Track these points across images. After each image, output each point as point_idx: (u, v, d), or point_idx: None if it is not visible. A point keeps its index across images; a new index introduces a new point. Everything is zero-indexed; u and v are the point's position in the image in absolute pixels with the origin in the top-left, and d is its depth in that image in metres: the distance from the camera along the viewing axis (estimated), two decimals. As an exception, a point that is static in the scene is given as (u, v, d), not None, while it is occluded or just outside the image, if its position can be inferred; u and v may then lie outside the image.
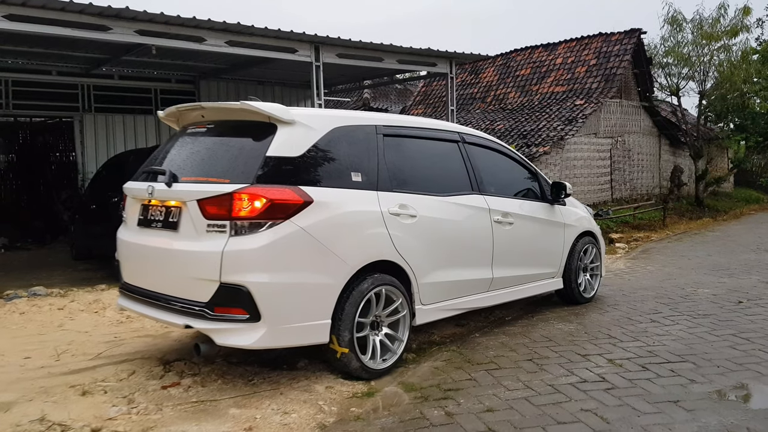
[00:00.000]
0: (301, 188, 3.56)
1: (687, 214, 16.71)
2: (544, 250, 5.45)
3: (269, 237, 3.39)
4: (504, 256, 4.93)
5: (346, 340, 3.65)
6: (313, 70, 9.64)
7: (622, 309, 5.65)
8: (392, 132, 4.31)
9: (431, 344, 4.66)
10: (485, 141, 5.19)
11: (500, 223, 4.87)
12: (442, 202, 4.44)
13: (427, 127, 4.68)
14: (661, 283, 6.97)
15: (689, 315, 5.35)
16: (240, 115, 3.80)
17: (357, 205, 3.82)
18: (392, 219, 3.99)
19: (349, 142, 3.98)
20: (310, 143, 3.73)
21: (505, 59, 19.85)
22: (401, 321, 4.04)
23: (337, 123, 3.96)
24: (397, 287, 3.97)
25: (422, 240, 4.19)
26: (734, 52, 18.62)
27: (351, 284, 3.71)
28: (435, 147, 4.70)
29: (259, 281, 3.35)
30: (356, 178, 3.91)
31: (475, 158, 4.93)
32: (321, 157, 3.78)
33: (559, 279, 5.70)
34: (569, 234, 5.73)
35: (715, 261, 8.68)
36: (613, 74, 16.73)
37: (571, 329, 4.94)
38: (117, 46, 9.85)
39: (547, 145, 14.47)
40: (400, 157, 4.33)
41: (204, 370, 4.02)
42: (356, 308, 3.70)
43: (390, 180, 4.11)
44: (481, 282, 4.75)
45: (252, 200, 3.38)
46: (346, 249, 3.69)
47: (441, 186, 4.57)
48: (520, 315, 5.55)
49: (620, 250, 10.36)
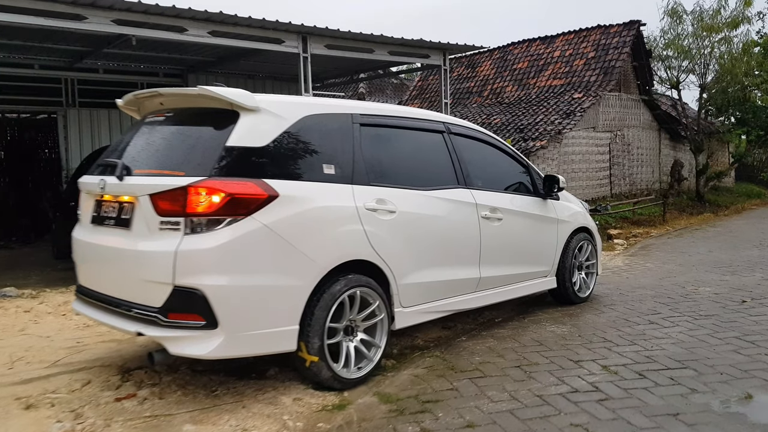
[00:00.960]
0: (265, 181, 3.25)
1: (687, 209, 16.40)
2: (535, 248, 5.15)
3: (228, 235, 3.08)
4: (492, 254, 4.62)
5: (316, 347, 3.35)
6: (301, 61, 9.31)
7: (619, 309, 5.34)
8: (370, 121, 4.00)
9: (414, 349, 4.36)
10: (472, 132, 4.88)
11: (488, 219, 4.57)
12: (424, 197, 4.14)
13: (409, 117, 4.37)
14: (661, 282, 6.66)
15: (690, 316, 5.04)
16: (200, 102, 3.49)
17: (329, 200, 3.51)
18: (369, 215, 3.68)
19: (321, 132, 3.67)
20: (277, 132, 3.42)
21: (502, 52, 19.51)
22: (378, 325, 3.74)
23: (307, 111, 3.64)
24: (373, 289, 3.67)
25: (402, 237, 3.89)
26: (735, 44, 18.31)
27: (321, 286, 3.40)
28: (417, 138, 4.39)
29: (215, 284, 3.04)
30: (329, 171, 3.60)
31: (462, 150, 4.62)
32: (289, 147, 3.47)
33: (552, 278, 5.39)
34: (563, 230, 5.42)
35: (716, 257, 8.37)
36: (611, 67, 16.40)
37: (563, 332, 4.63)
38: (98, 38, 9.53)
39: (544, 139, 14.15)
40: (378, 148, 4.03)
41: (165, 379, 3.72)
42: (327, 313, 3.39)
43: (367, 173, 3.80)
44: (467, 282, 4.45)
45: (209, 194, 3.07)
46: (316, 248, 3.38)
47: (424, 179, 4.26)
48: (510, 316, 5.24)
49: (618, 246, 10.06)
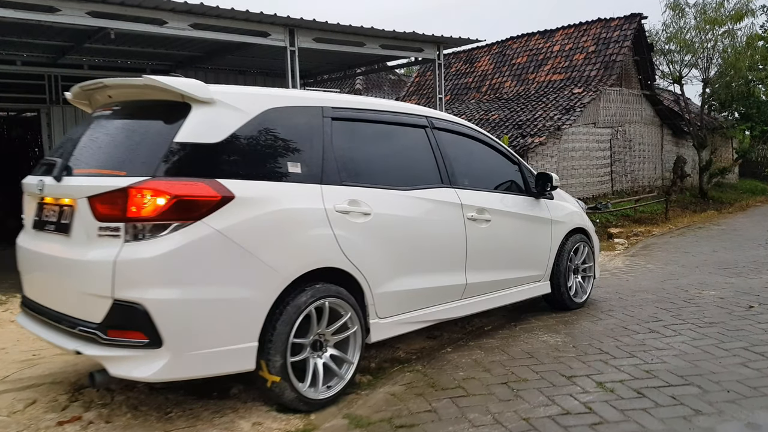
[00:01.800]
0: (219, 181, 2.91)
1: (690, 207, 16.03)
2: (527, 251, 4.80)
3: (174, 242, 2.74)
4: (480, 259, 4.28)
5: (278, 366, 3.01)
6: (288, 55, 8.97)
7: (618, 316, 5.00)
8: (343, 115, 3.66)
9: (394, 362, 4.02)
10: (458, 126, 4.54)
11: (475, 221, 4.23)
12: (403, 197, 3.80)
13: (388, 110, 4.02)
14: (662, 284, 6.31)
15: (693, 323, 4.70)
16: (149, 93, 3.15)
17: (293, 202, 3.17)
18: (339, 218, 3.34)
19: (286, 127, 3.33)
20: (235, 127, 3.08)
21: (501, 47, 19.15)
22: (351, 339, 3.40)
23: (271, 103, 3.30)
24: (345, 299, 3.33)
25: (378, 242, 3.55)
26: (739, 37, 17.92)
27: (284, 298, 3.07)
28: (397, 133, 4.06)
29: (159, 298, 2.70)
30: (294, 170, 3.26)
31: (446, 146, 4.28)
32: (248, 143, 3.13)
33: (546, 282, 5.04)
34: (557, 231, 5.07)
35: (721, 258, 8.02)
36: (612, 61, 16.02)
37: (557, 342, 4.29)
38: (77, 32, 9.20)
39: (543, 135, 13.79)
40: (352, 144, 3.69)
41: (118, 399, 3.38)
42: (291, 327, 3.06)
43: (338, 171, 3.47)
44: (452, 289, 4.11)
45: (152, 197, 2.74)
46: (278, 255, 3.05)
47: (404, 178, 3.92)
48: (501, 324, 4.90)
49: (619, 245, 9.71)
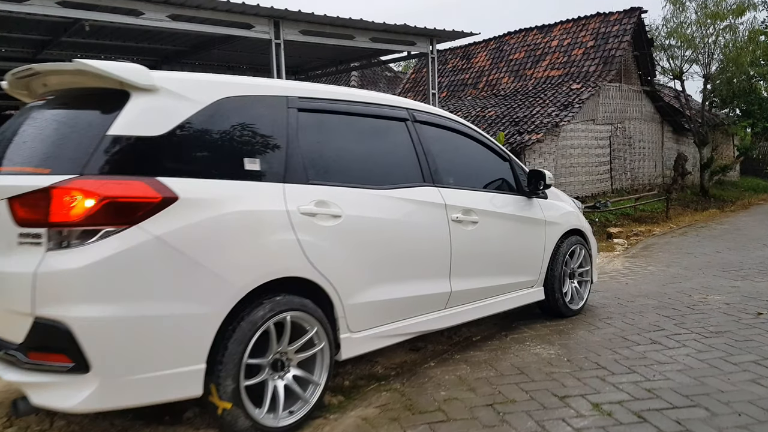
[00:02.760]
0: (160, 180, 2.55)
1: (692, 205, 15.67)
2: (519, 255, 4.44)
3: (104, 251, 2.38)
4: (466, 264, 3.92)
5: (230, 391, 2.65)
6: (273, 48, 8.61)
7: (617, 324, 4.64)
8: (312, 106, 3.30)
9: (370, 379, 3.66)
10: (443, 120, 4.18)
11: (460, 223, 3.86)
12: (380, 197, 3.44)
13: (364, 101, 3.65)
14: (664, 289, 5.95)
15: (698, 333, 4.34)
16: (84, 80, 2.78)
17: (249, 204, 2.81)
18: (305, 221, 2.98)
19: (243, 118, 2.97)
20: (182, 118, 2.72)
21: (498, 43, 18.77)
22: (318, 357, 3.04)
23: (226, 92, 2.94)
24: (310, 313, 2.97)
25: (350, 247, 3.19)
26: (741, 32, 17.58)
27: (238, 313, 2.71)
28: (373, 126, 3.69)
29: (84, 315, 2.34)
30: (252, 167, 2.90)
31: (429, 141, 3.91)
32: (198, 137, 2.77)
33: (539, 288, 4.68)
34: (552, 233, 4.71)
35: (725, 259, 7.66)
36: (611, 56, 15.65)
37: (550, 355, 3.93)
38: (53, 25, 8.86)
39: (540, 132, 13.43)
40: (322, 138, 3.33)
41: (58, 424, 3.03)
42: (245, 346, 2.70)
43: (305, 169, 3.11)
44: (435, 298, 3.75)
45: (80, 198, 2.37)
46: (230, 265, 2.69)
47: (380, 176, 3.56)
48: (491, 333, 4.54)
49: (619, 246, 9.35)
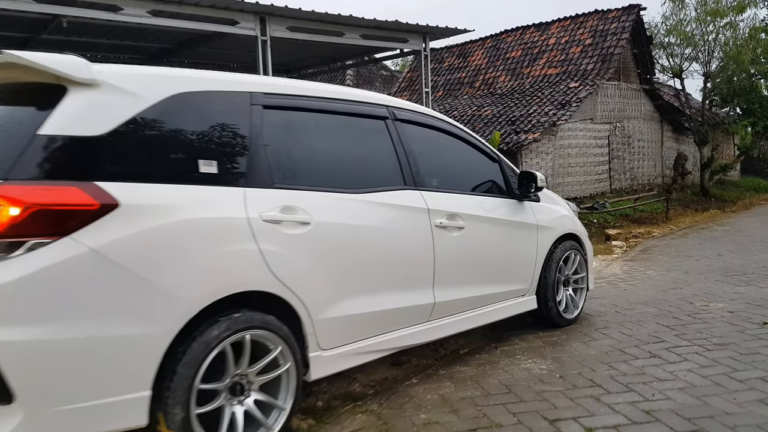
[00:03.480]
0: (98, 185, 2.27)
1: (692, 205, 15.39)
2: (509, 262, 4.17)
3: (30, 265, 2.10)
4: (451, 273, 3.65)
5: (178, 420, 2.37)
6: (259, 45, 8.33)
7: (614, 335, 4.36)
8: (279, 102, 3.02)
9: (347, 399, 3.38)
10: (427, 119, 3.90)
11: (445, 228, 3.59)
12: (355, 202, 3.16)
13: (338, 98, 3.37)
14: (664, 295, 5.67)
15: (701, 345, 4.06)
16: (18, 74, 2.50)
17: (203, 210, 2.53)
18: (268, 229, 2.70)
19: (199, 116, 2.69)
20: (128, 116, 2.44)
21: (495, 41, 18.50)
22: (283, 379, 2.76)
23: (180, 87, 2.66)
24: (274, 330, 2.69)
25: (320, 257, 2.92)
26: (741, 29, 17.33)
27: (189, 333, 2.43)
28: (349, 125, 3.41)
29: (6, 339, 2.05)
30: (207, 170, 2.62)
31: (411, 141, 3.64)
32: (145, 136, 2.49)
33: (531, 297, 4.41)
34: (544, 238, 4.43)
35: (727, 262, 7.38)
36: (610, 54, 15.39)
37: (541, 371, 3.65)
38: (33, 21, 8.58)
39: (537, 131, 13.16)
40: (290, 138, 3.06)
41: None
42: (196, 369, 2.41)
43: (270, 171, 2.83)
44: (417, 310, 3.47)
45: (3, 205, 2.10)
46: (179, 280, 2.40)
47: (356, 179, 3.29)
48: (480, 345, 4.27)
49: (617, 249, 9.07)
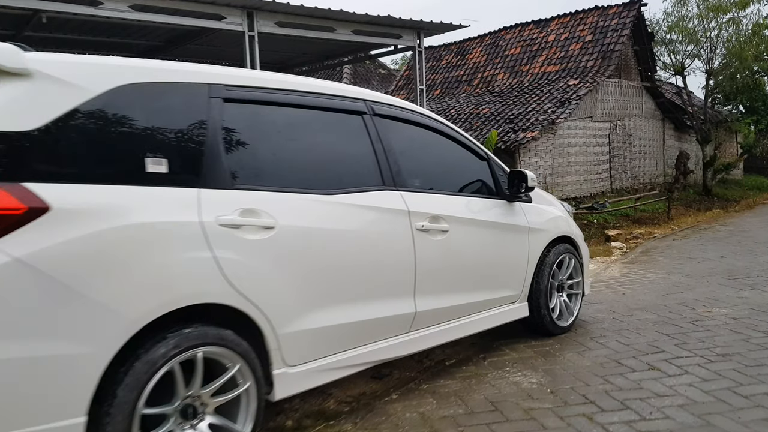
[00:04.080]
0: (26, 186, 2.02)
1: (694, 205, 15.11)
2: (498, 267, 3.91)
3: (-60, 279, 1.86)
4: (434, 280, 3.39)
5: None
6: (246, 41, 8.08)
7: (611, 345, 4.11)
8: (242, 95, 2.77)
9: (319, 417, 3.13)
10: (410, 114, 3.64)
11: (427, 232, 3.33)
12: (327, 204, 2.91)
13: (310, 91, 3.11)
14: (665, 300, 5.41)
15: (703, 356, 3.80)
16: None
17: (149, 214, 2.28)
18: (225, 234, 2.45)
19: (149, 110, 2.44)
20: (64, 109, 2.19)
21: (494, 38, 18.24)
22: (242, 400, 2.51)
23: (126, 78, 2.41)
24: (230, 346, 2.44)
25: (286, 265, 2.67)
26: (744, 25, 17.05)
27: (132, 351, 2.18)
28: (322, 120, 3.16)
29: None
30: (156, 168, 2.37)
31: (391, 138, 3.38)
32: (84, 133, 2.24)
33: (523, 304, 4.15)
34: (537, 242, 4.18)
35: (730, 265, 7.11)
36: (610, 51, 15.11)
37: (531, 385, 3.40)
38: (15, 19, 8.34)
39: (536, 129, 12.89)
40: (254, 134, 2.80)
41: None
42: (139, 392, 2.16)
43: (229, 170, 2.58)
44: (396, 320, 3.22)
45: None
46: (120, 292, 2.15)
47: (329, 179, 3.04)
48: (467, 356, 4.01)
49: (617, 250, 8.80)
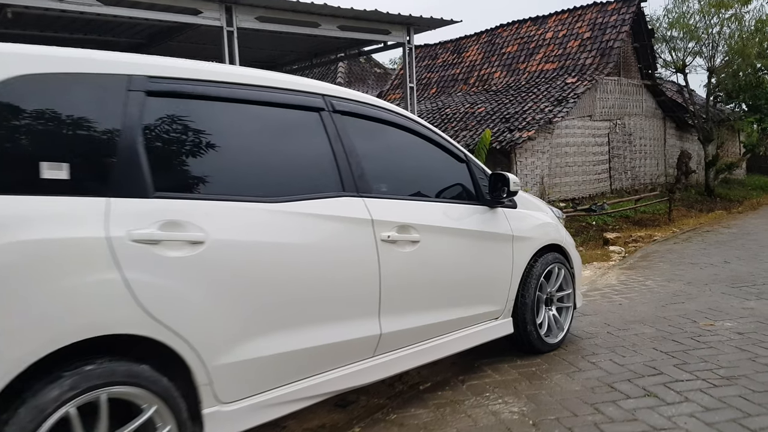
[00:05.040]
0: None
1: (696, 206, 14.72)
2: (477, 280, 3.53)
3: None
4: (402, 297, 3.01)
5: None
6: (225, 37, 7.70)
7: (603, 365, 3.72)
8: (169, 88, 2.38)
9: (267, 455, 2.75)
10: (376, 111, 3.24)
11: (394, 243, 2.95)
12: (273, 214, 2.52)
13: (254, 84, 2.72)
14: (664, 311, 5.02)
15: (706, 379, 3.41)
16: None
17: (42, 229, 1.90)
18: (139, 252, 2.07)
19: (50, 105, 2.06)
20: (-68, 105, 1.82)
21: (490, 36, 17.86)
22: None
23: (22, 68, 2.02)
24: (144, 385, 2.06)
25: (220, 286, 2.28)
26: (747, 21, 16.65)
27: (18, 394, 1.81)
28: (268, 117, 2.77)
29: None
30: (54, 174, 1.99)
31: (355, 137, 3.00)
32: (-41, 133, 1.87)
33: (507, 320, 3.76)
34: (522, 251, 3.79)
35: (734, 271, 6.72)
36: (609, 48, 14.73)
37: (512, 415, 3.01)
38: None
39: (532, 129, 12.51)
40: (184, 133, 2.42)
41: None
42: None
43: (149, 176, 2.20)
44: (358, 344, 2.83)
45: None
46: (1, 325, 1.78)
47: (277, 185, 2.66)
48: (445, 378, 3.63)
49: (614, 254, 8.42)
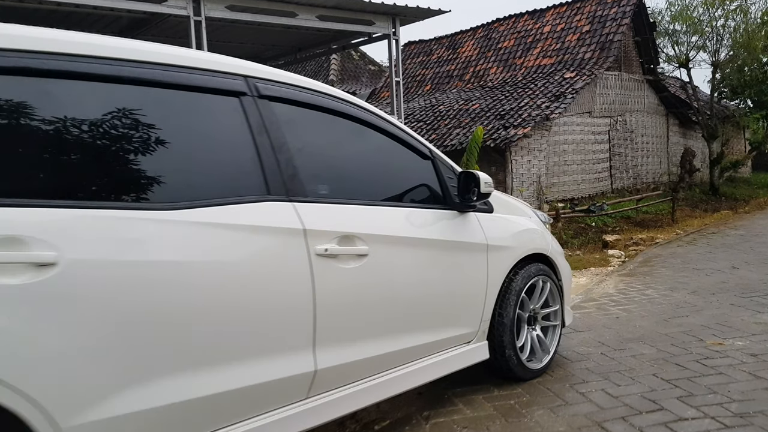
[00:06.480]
0: None
1: (701, 205, 14.14)
2: (444, 299, 2.97)
3: None
4: (344, 324, 2.46)
5: None
6: (192, 27, 7.16)
7: (594, 397, 3.16)
8: (18, 64, 1.84)
9: None
10: (316, 97, 2.67)
11: (334, 258, 2.40)
12: (163, 225, 1.98)
13: (147, 61, 2.16)
14: (666, 327, 4.46)
15: (715, 416, 2.85)
16: None
17: None
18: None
19: None
20: None
21: (487, 30, 17.31)
22: None
23: None
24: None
25: (76, 322, 1.74)
26: (752, 14, 16.08)
27: None
28: (167, 102, 2.21)
29: None
30: None
31: (286, 129, 2.45)
32: None
33: (481, 344, 3.21)
34: (499, 262, 3.23)
35: (744, 278, 6.15)
36: (609, 41, 14.16)
37: (478, 469, 2.47)
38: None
39: (528, 126, 11.95)
40: (34, 122, 1.87)
41: None
42: None
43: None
44: (285, 384, 2.28)
45: None
46: None
47: (173, 188, 2.10)
48: (409, 413, 3.08)
49: (614, 259, 7.86)
